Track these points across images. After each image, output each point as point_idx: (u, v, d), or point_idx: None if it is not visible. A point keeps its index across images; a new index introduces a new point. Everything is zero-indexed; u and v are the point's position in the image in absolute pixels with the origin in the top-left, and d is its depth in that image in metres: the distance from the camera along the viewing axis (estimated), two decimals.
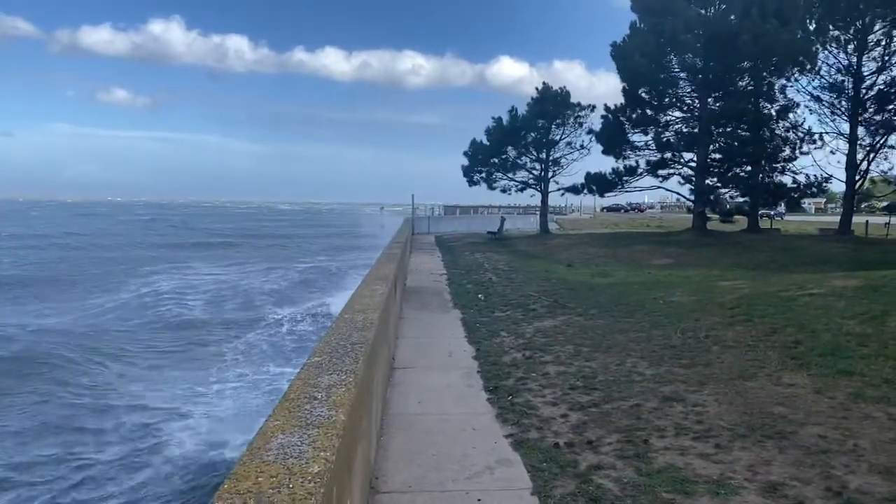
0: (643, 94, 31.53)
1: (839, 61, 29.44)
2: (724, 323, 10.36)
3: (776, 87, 30.92)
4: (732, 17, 29.24)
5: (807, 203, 68.84)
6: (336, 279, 30.72)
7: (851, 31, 29.02)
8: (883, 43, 28.49)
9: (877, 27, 28.55)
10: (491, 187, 39.81)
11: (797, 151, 30.96)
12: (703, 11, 30.41)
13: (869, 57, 28.91)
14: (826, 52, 29.57)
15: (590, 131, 36.04)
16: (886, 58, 28.37)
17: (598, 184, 33.91)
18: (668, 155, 32.34)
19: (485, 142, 38.74)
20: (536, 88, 37.68)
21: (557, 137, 37.67)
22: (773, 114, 31.14)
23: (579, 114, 36.68)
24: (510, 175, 39.09)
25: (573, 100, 36.87)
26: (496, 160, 38.67)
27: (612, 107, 33.01)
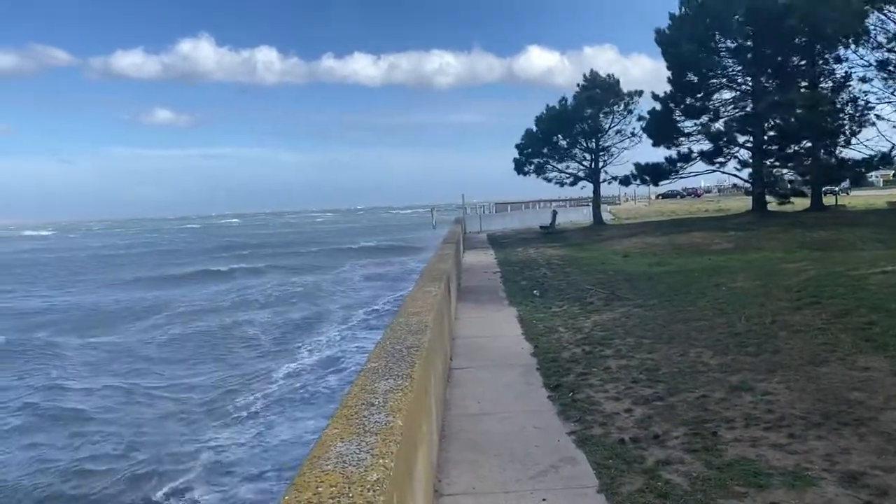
0: (692, 79, 30.70)
1: None
2: (790, 307, 9.98)
3: (831, 60, 29.63)
4: None
5: (874, 176, 65.59)
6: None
7: None
8: None
9: None
10: (543, 177, 39.41)
11: (858, 125, 29.56)
12: None
13: None
14: (881, 17, 28.09)
15: (640, 118, 35.38)
16: None
17: (650, 174, 33.22)
18: (723, 139, 31.38)
19: (534, 130, 38.39)
20: (584, 76, 37.31)
21: (606, 126, 37.08)
22: (831, 88, 29.82)
23: (628, 101, 36.02)
24: (561, 166, 38.70)
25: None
26: (546, 149, 38.30)
27: (660, 94, 32.26)
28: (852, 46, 28.54)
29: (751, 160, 31.53)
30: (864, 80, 29.27)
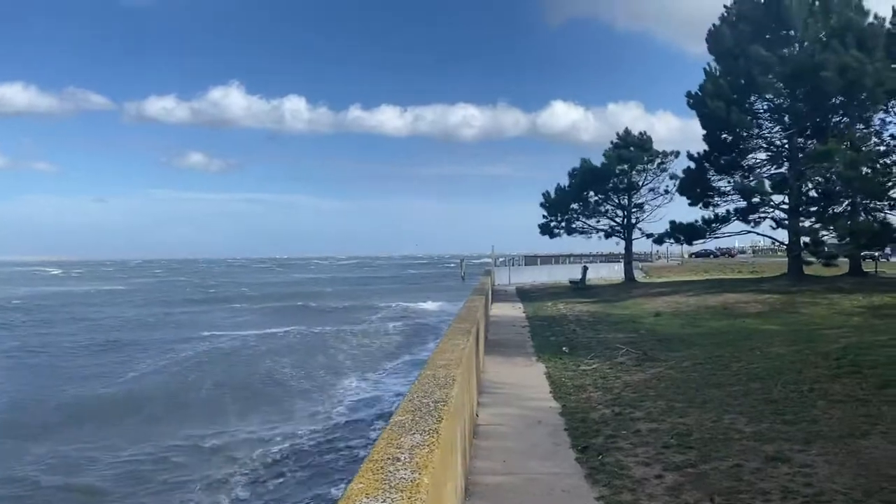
0: (726, 138, 30.67)
1: None
2: (829, 375, 9.67)
3: (872, 121, 29.37)
4: (813, 54, 28.17)
5: None
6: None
7: None
8: None
9: None
10: (571, 234, 39.30)
11: None
12: (782, 50, 29.48)
13: None
14: None
15: (672, 176, 35.34)
16: None
17: (685, 233, 32.91)
18: (757, 199, 31.07)
19: (564, 186, 38.44)
20: (617, 133, 37.53)
21: (640, 182, 37.08)
22: (872, 149, 29.44)
23: (662, 160, 36.08)
24: (592, 221, 38.58)
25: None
26: (576, 205, 38.28)
27: (695, 154, 32.22)
28: (894, 109, 28.33)
29: (787, 220, 31.09)
30: None
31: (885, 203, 29.87)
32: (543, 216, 38.95)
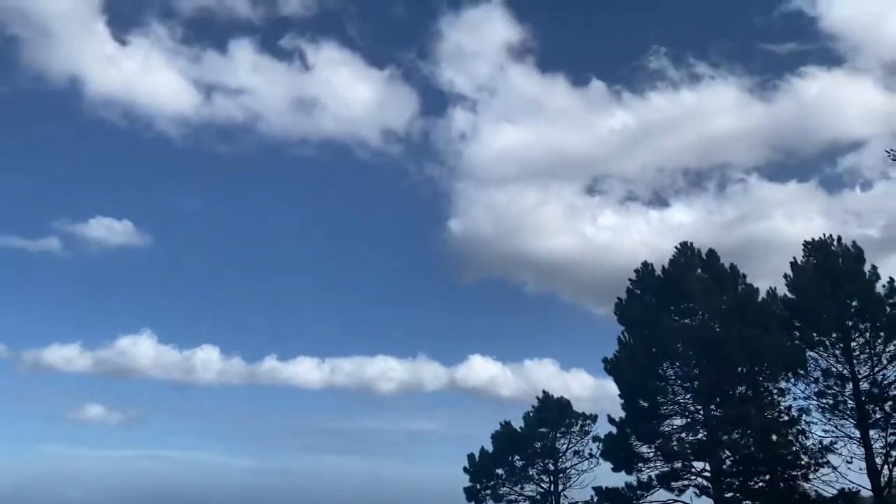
0: (643, 405, 31.46)
1: (831, 365, 29.72)
2: None
3: (775, 392, 30.97)
4: (715, 325, 30.39)
5: None
6: None
7: (834, 336, 29.64)
8: (867, 351, 28.87)
9: (854, 333, 29.15)
10: (498, 501, 37.48)
11: (813, 459, 29.67)
12: (686, 321, 31.70)
13: (859, 360, 29.27)
14: (816, 355, 29.96)
15: (595, 439, 35.35)
16: (875, 363, 28.65)
17: (610, 499, 32.01)
18: (679, 465, 31.07)
19: (488, 450, 37.54)
20: (537, 398, 38.12)
21: (563, 447, 36.76)
22: (779, 419, 30.63)
23: (583, 423, 36.33)
24: (517, 488, 37.12)
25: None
26: (501, 471, 37.11)
27: (616, 419, 32.65)
28: (792, 379, 30.05)
29: (710, 489, 30.82)
30: (805, 411, 30.17)
31: (798, 473, 30.29)
32: (469, 481, 37.39)
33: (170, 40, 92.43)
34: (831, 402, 29.52)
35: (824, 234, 30.51)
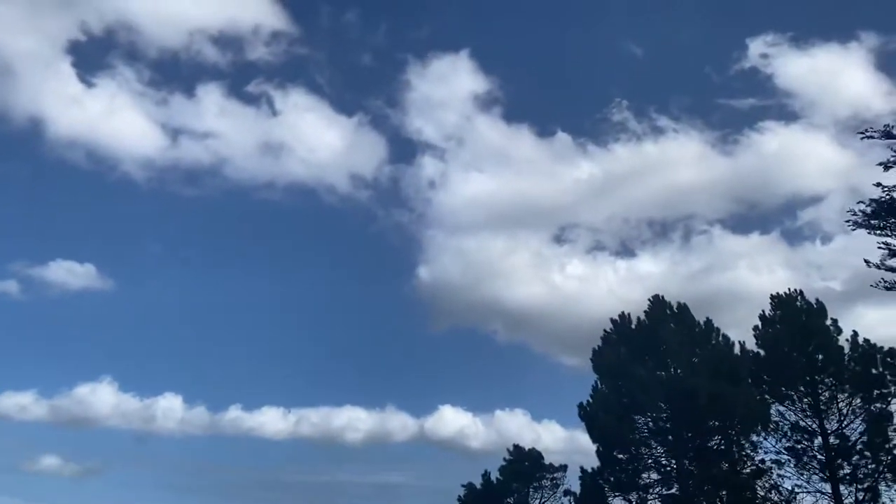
0: (620, 457, 31.36)
1: (800, 419, 30.20)
2: None
3: (747, 446, 31.20)
4: (686, 379, 30.72)
5: None
6: None
7: (801, 390, 30.25)
8: (834, 405, 29.50)
9: (821, 388, 29.82)
10: None
11: None
12: (659, 373, 32.02)
13: (826, 415, 29.83)
14: (785, 409, 30.44)
15: (567, 492, 34.90)
16: (842, 417, 29.26)
17: None
18: None
19: None
20: (508, 450, 37.52)
21: (536, 502, 36.16)
22: (752, 473, 30.76)
23: (554, 475, 35.90)
24: None
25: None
26: None
27: (589, 470, 32.43)
28: (762, 433, 30.35)
29: None
30: (778, 463, 30.39)
31: None
32: None
33: (137, 83, 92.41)
34: (801, 456, 29.91)
35: (789, 289, 31.50)
